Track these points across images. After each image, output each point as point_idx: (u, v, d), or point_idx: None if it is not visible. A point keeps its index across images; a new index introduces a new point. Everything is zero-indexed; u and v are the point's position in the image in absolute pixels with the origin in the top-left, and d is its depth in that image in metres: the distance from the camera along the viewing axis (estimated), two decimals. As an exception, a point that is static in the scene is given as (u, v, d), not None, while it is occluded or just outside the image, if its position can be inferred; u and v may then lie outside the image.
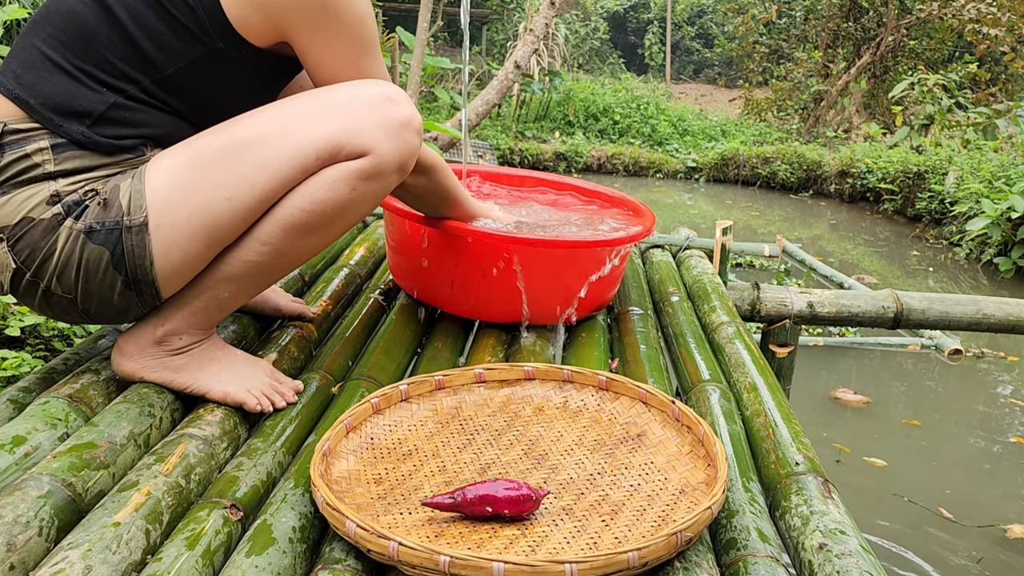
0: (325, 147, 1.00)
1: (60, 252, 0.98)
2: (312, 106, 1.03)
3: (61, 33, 1.00)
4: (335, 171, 1.02)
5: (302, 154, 1.00)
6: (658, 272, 1.87)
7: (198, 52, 1.02)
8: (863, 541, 0.86)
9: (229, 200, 0.99)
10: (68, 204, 0.98)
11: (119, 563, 0.76)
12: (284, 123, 1.01)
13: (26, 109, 0.98)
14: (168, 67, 1.02)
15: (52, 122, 0.98)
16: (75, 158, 0.99)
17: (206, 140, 1.01)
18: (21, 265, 0.99)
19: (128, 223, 0.98)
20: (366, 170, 1.02)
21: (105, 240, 0.98)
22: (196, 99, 1.06)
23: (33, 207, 0.97)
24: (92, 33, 0.99)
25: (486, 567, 0.74)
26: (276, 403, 1.11)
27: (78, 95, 0.99)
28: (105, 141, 1.00)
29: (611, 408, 1.13)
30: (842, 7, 10.13)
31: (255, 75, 1.10)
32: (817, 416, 2.94)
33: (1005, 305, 1.90)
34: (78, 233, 0.98)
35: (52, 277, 1.00)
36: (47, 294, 1.02)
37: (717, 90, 15.27)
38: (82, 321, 1.08)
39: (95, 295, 1.02)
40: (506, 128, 9.50)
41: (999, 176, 5.78)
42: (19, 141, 0.98)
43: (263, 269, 1.07)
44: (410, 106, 1.05)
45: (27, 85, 0.99)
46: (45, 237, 0.98)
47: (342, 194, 1.02)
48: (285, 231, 1.03)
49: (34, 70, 0.99)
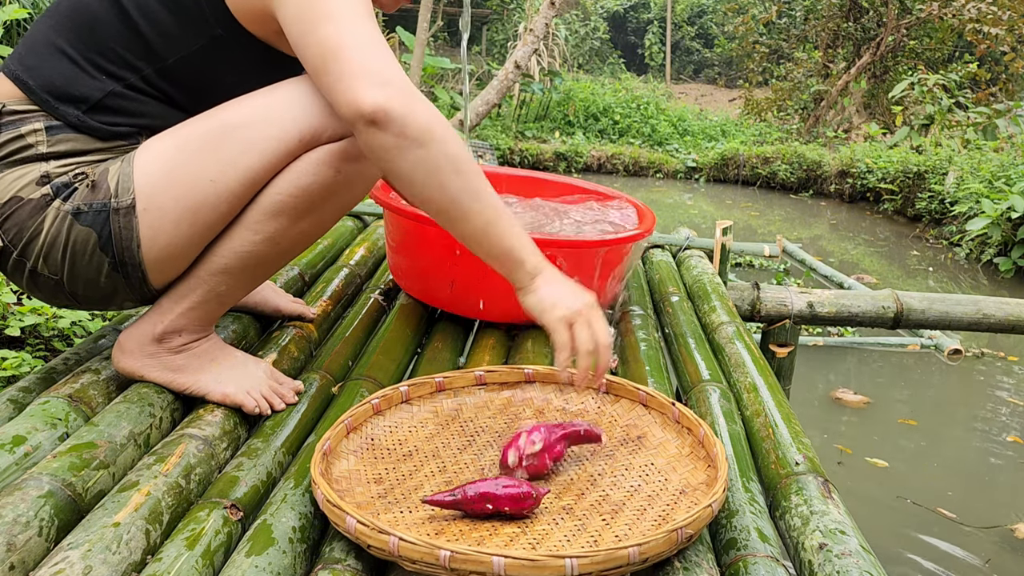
0: (308, 129, 1.00)
1: (47, 232, 0.99)
2: (295, 90, 1.03)
3: (67, 20, 1.02)
4: (318, 153, 1.02)
5: (286, 136, 1.00)
6: (658, 272, 1.87)
7: (199, 40, 1.03)
8: (863, 541, 0.86)
9: (213, 183, 0.99)
10: (57, 185, 0.99)
11: (119, 563, 0.76)
12: (268, 107, 1.01)
13: (24, 90, 1.00)
14: (170, 55, 1.02)
15: (48, 104, 1.00)
16: (69, 141, 1.00)
17: (193, 125, 1.02)
18: (8, 244, 1.00)
19: (116, 205, 0.99)
20: (349, 151, 1.02)
21: (92, 222, 0.99)
22: (195, 89, 1.06)
23: (23, 187, 0.98)
24: (97, 20, 1.01)
25: (486, 561, 0.74)
26: (275, 405, 1.11)
27: (77, 81, 1.00)
28: (99, 126, 1.01)
29: (611, 411, 1.13)
30: (842, 7, 10.13)
31: (253, 65, 1.10)
32: (817, 416, 2.94)
33: (1005, 305, 1.90)
34: (65, 214, 0.99)
35: (39, 258, 1.01)
36: (34, 274, 1.03)
37: (717, 90, 15.27)
38: (69, 304, 1.09)
39: (81, 277, 1.02)
40: (506, 128, 9.50)
41: (999, 176, 5.78)
42: (15, 122, 0.99)
43: (258, 259, 1.06)
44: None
45: (28, 67, 1.00)
46: (32, 217, 0.99)
47: (327, 176, 1.02)
48: (274, 217, 1.03)
49: (37, 54, 1.01)
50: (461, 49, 1.75)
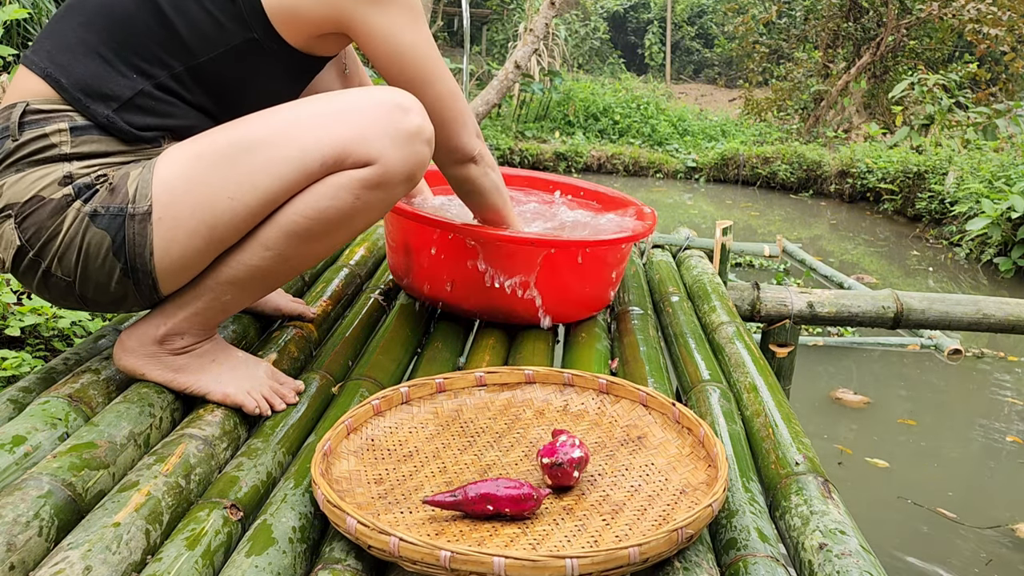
0: (331, 153, 1.00)
1: (65, 233, 0.99)
2: (322, 109, 1.02)
3: (98, 17, 1.02)
4: (340, 179, 1.01)
5: (307, 159, 0.99)
6: (658, 272, 1.87)
7: (233, 41, 1.03)
8: (863, 541, 0.86)
9: (231, 200, 0.99)
10: (79, 186, 0.99)
11: (119, 563, 0.76)
12: (292, 126, 1.01)
13: (56, 88, 1.00)
14: (202, 55, 1.03)
15: (80, 102, 1.00)
16: (93, 142, 1.00)
17: (215, 136, 1.02)
18: (26, 243, 1.00)
19: (132, 211, 0.98)
20: (371, 179, 1.01)
21: (108, 225, 0.99)
22: (223, 91, 1.07)
23: (45, 186, 0.98)
24: (129, 16, 1.01)
25: (487, 562, 0.74)
26: (275, 405, 1.11)
27: (108, 79, 1.00)
28: (126, 128, 1.01)
29: (612, 411, 1.13)
30: (842, 7, 10.13)
31: (283, 71, 1.11)
32: (817, 416, 2.94)
33: (1005, 305, 1.90)
34: (84, 215, 0.98)
35: (54, 258, 1.00)
36: (47, 275, 1.02)
37: (717, 90, 15.26)
38: (79, 307, 1.09)
39: (92, 280, 1.02)
40: (506, 128, 9.50)
41: (999, 176, 5.78)
42: (39, 121, 0.99)
43: (266, 274, 1.06)
44: (422, 115, 1.04)
45: (60, 65, 1.00)
46: (53, 217, 0.98)
47: (346, 202, 1.02)
48: (288, 237, 1.03)
49: (69, 51, 1.01)
50: (463, 49, 1.75)
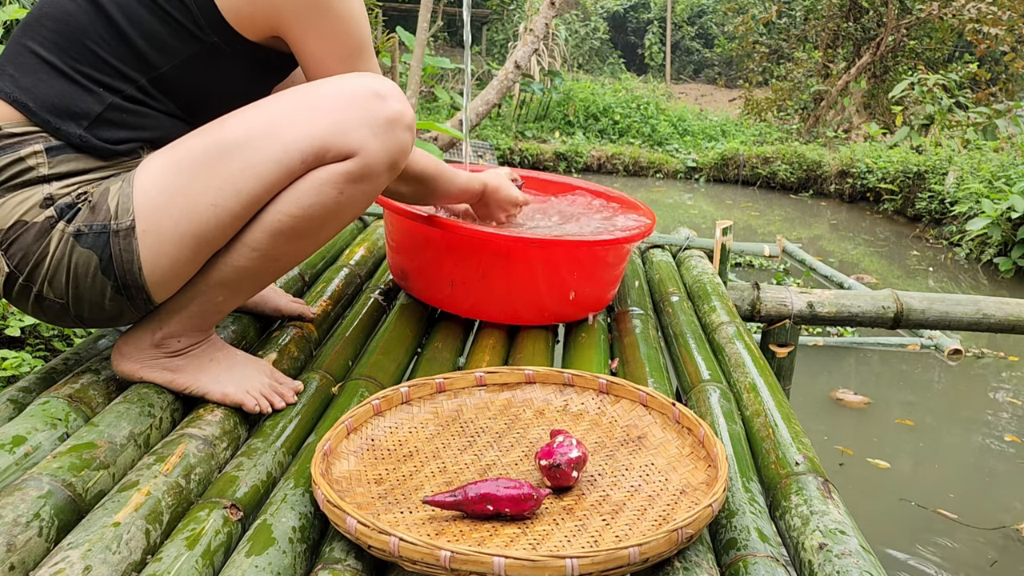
0: (311, 150, 0.98)
1: (52, 256, 0.97)
2: (297, 104, 1.00)
3: (54, 35, 0.98)
4: (322, 174, 0.99)
5: (287, 158, 0.98)
6: (658, 272, 1.87)
7: (193, 48, 1.01)
8: (863, 541, 0.86)
9: (214, 207, 0.97)
10: (61, 207, 0.96)
11: (119, 563, 0.76)
12: (269, 124, 0.99)
13: (24, 112, 0.97)
14: (163, 64, 1.01)
15: (50, 124, 0.97)
16: (70, 161, 0.98)
17: (191, 142, 1.00)
18: (14, 269, 0.98)
19: (116, 227, 0.96)
20: (354, 172, 1.00)
21: (93, 243, 0.97)
22: (192, 97, 1.05)
23: (27, 211, 0.96)
24: (85, 32, 0.98)
25: (487, 562, 0.74)
26: (275, 404, 1.10)
27: (75, 96, 0.98)
28: (101, 145, 0.99)
29: (612, 411, 1.13)
30: (842, 7, 10.13)
31: (249, 70, 1.08)
32: (817, 416, 2.94)
33: (1005, 305, 1.90)
34: (68, 236, 0.96)
35: (44, 281, 0.98)
36: (39, 299, 1.00)
37: (717, 90, 15.27)
38: (77, 326, 1.07)
39: (86, 300, 1.00)
40: (506, 128, 9.50)
41: (999, 176, 5.78)
42: (13, 145, 0.97)
43: (256, 273, 1.06)
44: (400, 100, 1.02)
45: (25, 88, 0.97)
46: (38, 241, 0.96)
47: (330, 198, 1.00)
48: (274, 236, 1.02)
49: (31, 73, 0.98)
50: (464, 49, 1.76)
